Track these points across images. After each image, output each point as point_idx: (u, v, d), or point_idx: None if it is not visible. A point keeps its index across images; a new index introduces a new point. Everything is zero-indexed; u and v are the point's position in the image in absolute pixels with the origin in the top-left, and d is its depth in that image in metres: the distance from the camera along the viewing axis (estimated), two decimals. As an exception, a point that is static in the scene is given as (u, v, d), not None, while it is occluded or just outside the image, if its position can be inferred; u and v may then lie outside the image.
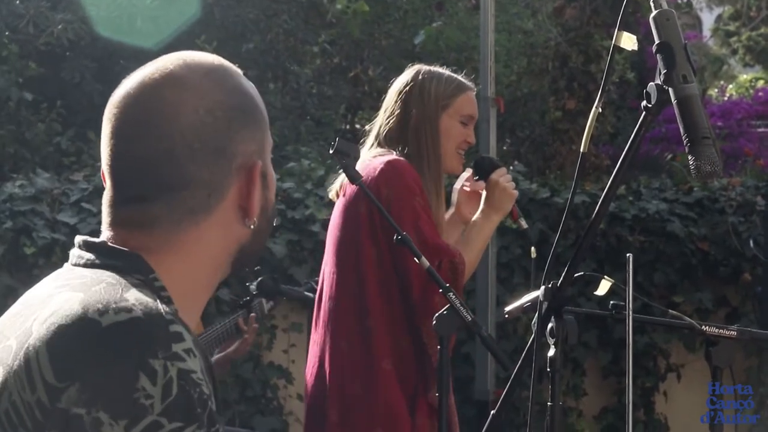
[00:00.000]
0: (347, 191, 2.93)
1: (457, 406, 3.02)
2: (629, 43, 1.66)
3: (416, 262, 2.64)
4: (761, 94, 11.62)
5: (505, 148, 8.78)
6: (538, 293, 1.88)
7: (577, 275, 1.87)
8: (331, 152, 2.76)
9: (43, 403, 1.07)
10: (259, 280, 3.90)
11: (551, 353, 1.85)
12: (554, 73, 8.16)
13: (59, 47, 7.18)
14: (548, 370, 1.86)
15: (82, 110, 7.22)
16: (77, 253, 1.25)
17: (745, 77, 16.66)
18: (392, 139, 2.97)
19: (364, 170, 2.85)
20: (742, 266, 5.81)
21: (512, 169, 6.61)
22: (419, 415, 2.87)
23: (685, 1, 13.86)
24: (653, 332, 5.79)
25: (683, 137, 1.50)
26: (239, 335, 3.86)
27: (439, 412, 2.65)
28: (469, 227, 3.05)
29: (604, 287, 2.40)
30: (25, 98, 6.71)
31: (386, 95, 3.07)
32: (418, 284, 2.80)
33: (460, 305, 2.59)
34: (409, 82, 3.00)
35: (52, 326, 1.11)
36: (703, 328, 2.49)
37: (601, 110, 1.76)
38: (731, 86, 15.08)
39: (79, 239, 1.27)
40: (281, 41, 7.88)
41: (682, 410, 5.87)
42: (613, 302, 2.53)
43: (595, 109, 1.72)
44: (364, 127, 3.17)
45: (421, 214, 2.84)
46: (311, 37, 8.07)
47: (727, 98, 12.75)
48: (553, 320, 1.84)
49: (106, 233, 1.26)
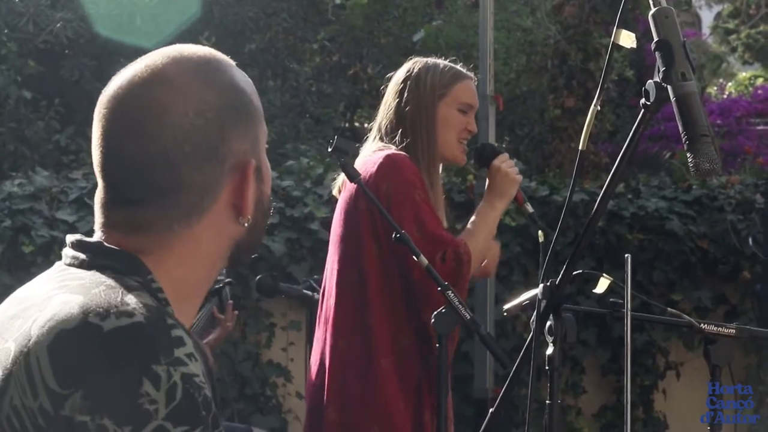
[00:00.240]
0: (348, 188, 2.91)
1: (455, 404, 3.01)
2: (628, 40, 1.66)
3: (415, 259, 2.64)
4: (760, 91, 11.63)
5: (504, 146, 8.77)
6: (536, 291, 1.88)
7: (575, 273, 1.87)
8: (329, 150, 2.76)
9: (46, 410, 1.06)
10: (258, 278, 3.90)
11: (550, 351, 1.85)
12: (553, 70, 8.16)
13: (58, 45, 7.18)
14: (547, 368, 1.86)
15: (81, 108, 7.21)
16: (71, 253, 1.24)
17: (744, 75, 16.67)
18: (391, 131, 2.96)
19: (363, 165, 2.85)
20: (741, 264, 5.81)
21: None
22: (427, 413, 2.84)
23: (684, -2, 13.86)
24: (652, 330, 5.80)
25: (682, 135, 1.50)
26: (215, 324, 3.91)
27: (438, 411, 2.65)
28: (474, 216, 3.01)
29: (602, 285, 2.39)
30: (24, 96, 6.71)
31: (385, 89, 3.07)
32: (422, 280, 2.78)
33: (459, 303, 2.59)
34: (405, 74, 2.99)
35: (52, 330, 1.09)
36: (702, 326, 2.49)
37: (599, 108, 1.75)
38: (730, 84, 15.09)
39: (72, 238, 1.26)
40: (280, 39, 7.88)
41: (681, 408, 5.88)
42: (612, 300, 2.53)
43: (593, 106, 1.72)
44: (363, 125, 3.17)
45: (421, 206, 2.82)
46: (310, 35, 8.07)
47: (726, 96, 12.76)
48: (551, 318, 1.84)
49: (99, 233, 1.24)
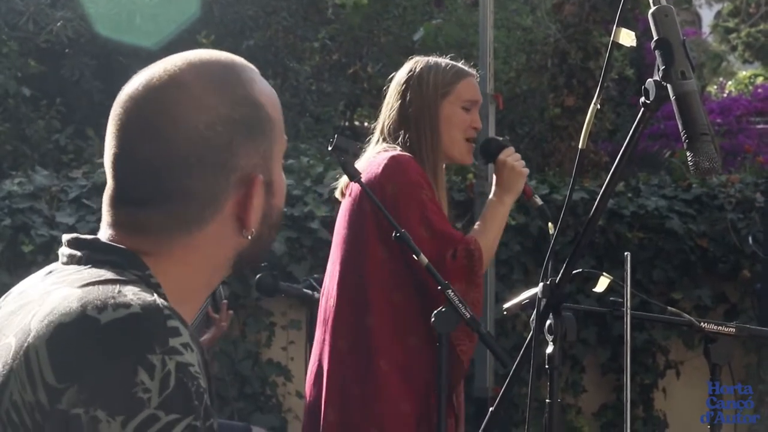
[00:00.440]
0: (353, 189, 2.90)
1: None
2: (628, 39, 1.66)
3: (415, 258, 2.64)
4: (760, 90, 11.63)
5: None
6: (536, 290, 1.89)
7: (575, 272, 1.87)
8: (329, 149, 2.75)
9: (42, 404, 1.07)
10: (258, 277, 3.89)
11: (550, 350, 1.85)
12: (553, 69, 8.15)
13: (59, 45, 7.17)
14: (547, 367, 1.86)
15: (81, 107, 7.21)
16: (67, 251, 1.24)
17: (744, 74, 16.67)
18: (394, 131, 2.95)
19: (368, 167, 2.84)
20: (741, 263, 5.81)
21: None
22: (436, 413, 2.80)
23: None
24: (652, 329, 5.80)
25: (682, 133, 1.50)
26: (210, 324, 3.93)
27: (438, 410, 2.65)
28: (483, 212, 3.01)
29: (602, 284, 2.39)
30: (23, 93, 6.70)
31: (387, 89, 3.06)
32: (431, 278, 2.74)
33: (459, 302, 2.59)
34: (407, 73, 2.98)
35: (51, 324, 1.10)
36: (701, 324, 2.49)
37: (599, 107, 1.75)
38: (730, 83, 15.08)
39: (68, 237, 1.26)
40: (280, 38, 7.87)
41: (681, 407, 5.87)
42: (611, 299, 2.53)
43: (593, 105, 1.72)
44: (363, 123, 3.17)
45: (428, 205, 2.81)
46: (310, 33, 8.07)
47: (726, 95, 12.75)
48: (551, 317, 1.84)
49: (103, 231, 1.25)
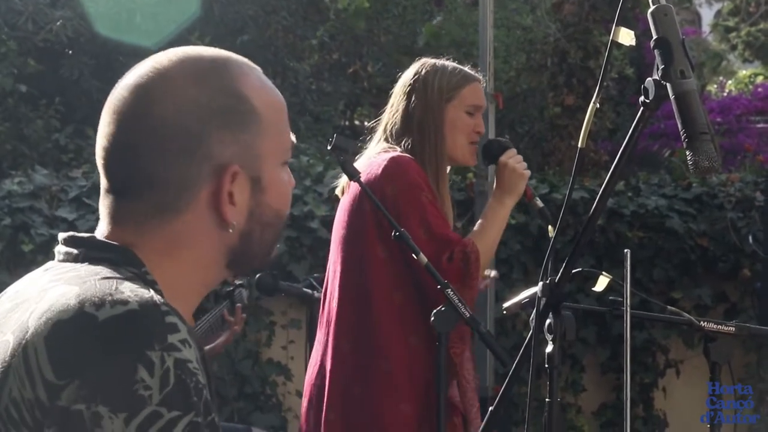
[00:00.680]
0: (352, 189, 2.90)
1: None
2: (627, 38, 1.66)
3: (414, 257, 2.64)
4: (760, 89, 11.62)
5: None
6: (536, 289, 1.88)
7: (575, 271, 1.87)
8: (329, 148, 2.76)
9: (42, 401, 1.07)
10: (257, 276, 3.89)
11: (549, 349, 1.85)
12: (553, 68, 8.15)
13: (58, 44, 7.16)
14: (547, 366, 1.86)
15: (80, 107, 7.20)
16: (64, 249, 1.25)
17: (744, 73, 16.67)
18: (397, 133, 2.96)
19: (368, 167, 2.84)
20: (741, 262, 5.81)
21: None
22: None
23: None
24: (652, 328, 5.80)
25: (681, 133, 1.50)
26: (225, 327, 3.88)
27: (437, 410, 2.64)
28: (483, 213, 3.01)
29: (602, 283, 2.39)
30: (20, 90, 6.69)
31: (393, 90, 3.07)
32: (431, 278, 2.75)
33: (458, 302, 2.59)
34: (413, 76, 2.99)
35: (49, 321, 1.11)
36: (701, 324, 2.49)
37: (599, 106, 1.76)
38: (730, 82, 15.07)
39: (64, 235, 1.27)
40: (280, 37, 7.87)
41: (681, 406, 5.88)
42: (611, 298, 2.53)
43: (592, 104, 1.72)
44: (363, 123, 3.17)
45: (428, 207, 2.81)
46: (310, 33, 8.07)
47: (726, 94, 12.74)
48: (551, 316, 1.84)
49: (99, 226, 1.27)
